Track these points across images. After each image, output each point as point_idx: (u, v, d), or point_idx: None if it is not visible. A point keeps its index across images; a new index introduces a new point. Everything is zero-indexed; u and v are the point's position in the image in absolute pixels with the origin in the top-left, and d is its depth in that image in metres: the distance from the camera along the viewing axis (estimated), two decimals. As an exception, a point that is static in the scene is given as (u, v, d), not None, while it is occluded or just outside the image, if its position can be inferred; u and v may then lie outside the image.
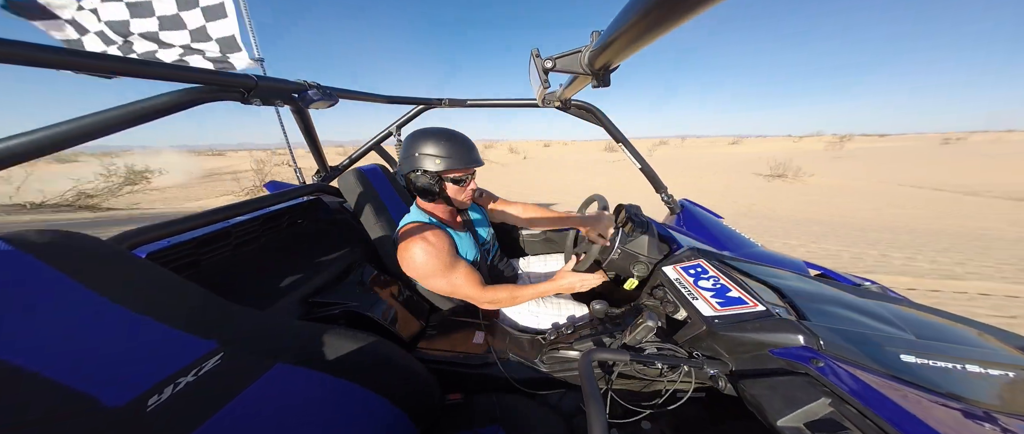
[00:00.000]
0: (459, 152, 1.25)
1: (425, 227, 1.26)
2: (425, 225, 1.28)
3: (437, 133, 1.25)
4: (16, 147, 0.60)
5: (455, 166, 1.24)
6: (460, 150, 1.26)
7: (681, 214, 2.05)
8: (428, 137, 1.24)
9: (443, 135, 1.25)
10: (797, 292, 1.03)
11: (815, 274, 1.55)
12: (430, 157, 1.23)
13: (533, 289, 1.33)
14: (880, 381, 0.68)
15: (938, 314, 1.07)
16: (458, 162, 1.24)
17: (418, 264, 1.23)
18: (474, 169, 1.31)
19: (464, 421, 0.94)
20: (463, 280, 1.27)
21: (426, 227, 1.27)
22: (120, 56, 0.92)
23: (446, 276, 1.25)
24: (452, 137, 1.26)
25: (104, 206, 8.53)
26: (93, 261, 0.57)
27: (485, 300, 1.30)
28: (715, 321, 0.92)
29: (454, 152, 1.24)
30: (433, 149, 1.23)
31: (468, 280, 1.27)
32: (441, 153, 1.23)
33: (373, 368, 0.84)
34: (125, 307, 0.57)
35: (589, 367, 0.73)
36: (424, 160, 1.23)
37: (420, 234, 1.24)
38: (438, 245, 1.24)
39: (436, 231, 1.26)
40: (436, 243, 1.24)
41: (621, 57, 0.58)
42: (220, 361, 0.63)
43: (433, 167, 1.23)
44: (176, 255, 1.00)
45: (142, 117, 0.76)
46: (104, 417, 0.49)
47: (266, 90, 1.00)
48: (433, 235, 1.24)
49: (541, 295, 1.34)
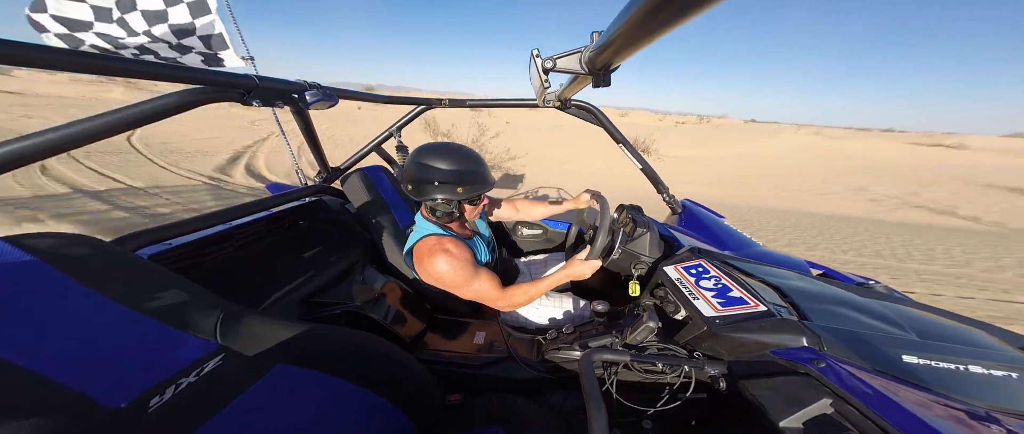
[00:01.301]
0: (476, 175, 1.25)
1: (443, 240, 1.27)
2: (442, 237, 1.28)
3: (447, 155, 1.23)
4: (22, 149, 0.61)
5: (475, 192, 1.24)
6: (477, 173, 1.25)
7: (683, 214, 2.05)
8: (442, 160, 1.22)
9: (455, 157, 1.23)
10: (799, 292, 1.02)
11: (817, 274, 1.54)
12: (449, 185, 1.22)
13: (544, 283, 1.31)
14: (882, 381, 0.68)
15: (941, 314, 1.07)
16: (478, 188, 1.25)
17: (445, 277, 1.24)
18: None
19: (464, 421, 0.94)
20: (486, 286, 1.27)
21: (445, 240, 1.27)
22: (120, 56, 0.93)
23: (471, 285, 1.26)
24: (465, 157, 1.25)
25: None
26: (96, 263, 0.58)
27: (505, 303, 1.30)
28: (716, 321, 0.91)
29: (472, 177, 1.24)
30: (451, 177, 1.21)
31: (490, 285, 1.28)
32: (458, 181, 1.22)
33: (373, 368, 0.84)
34: (127, 308, 0.57)
35: (590, 367, 0.73)
36: (444, 188, 1.22)
37: (441, 247, 1.24)
38: (461, 256, 1.24)
39: (455, 242, 1.27)
40: (459, 254, 1.24)
41: (621, 57, 0.58)
42: (221, 362, 0.63)
43: (453, 194, 1.22)
44: (179, 256, 1.00)
45: (145, 118, 0.76)
46: (106, 418, 0.49)
47: (266, 90, 1.01)
48: (454, 246, 1.25)
49: (552, 286, 1.32)
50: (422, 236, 1.31)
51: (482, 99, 1.94)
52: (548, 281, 1.31)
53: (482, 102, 1.94)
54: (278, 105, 1.11)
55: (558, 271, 1.32)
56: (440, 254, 1.23)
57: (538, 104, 1.62)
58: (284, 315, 1.04)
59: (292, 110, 1.39)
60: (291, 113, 1.35)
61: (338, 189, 1.72)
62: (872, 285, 1.42)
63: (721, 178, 11.48)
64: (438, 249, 1.23)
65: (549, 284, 1.31)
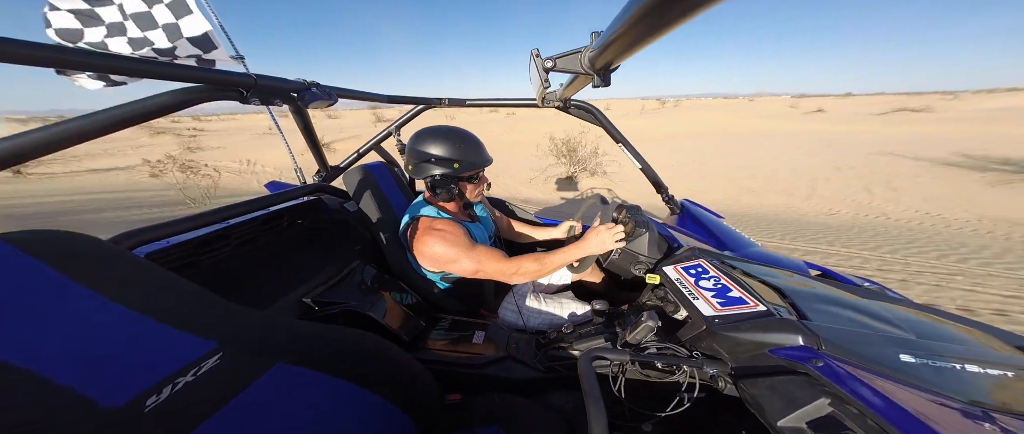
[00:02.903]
0: (473, 152, 1.26)
1: (435, 221, 1.28)
2: (436, 219, 1.29)
3: (447, 135, 1.25)
4: (17, 146, 0.60)
5: (472, 168, 1.25)
6: (473, 150, 1.26)
7: (682, 214, 2.05)
8: (439, 139, 1.23)
9: (454, 136, 1.25)
10: (797, 292, 1.03)
11: (815, 274, 1.55)
12: (446, 160, 1.23)
13: (559, 254, 1.27)
14: (880, 381, 0.68)
15: (938, 314, 1.07)
16: (474, 163, 1.25)
17: (439, 252, 1.24)
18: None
19: (464, 421, 0.94)
20: (487, 256, 1.26)
21: (437, 221, 1.28)
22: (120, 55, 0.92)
23: (470, 255, 1.24)
24: (464, 138, 1.26)
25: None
26: (92, 261, 0.57)
27: (512, 271, 1.26)
28: (715, 321, 0.91)
29: (468, 153, 1.25)
30: (447, 151, 1.23)
31: (491, 256, 1.26)
32: (456, 155, 1.23)
33: (373, 368, 0.84)
34: (124, 307, 0.57)
35: (589, 367, 0.73)
36: (439, 164, 1.23)
37: (433, 227, 1.25)
38: (454, 232, 1.25)
39: (448, 222, 1.28)
40: (452, 230, 1.25)
41: (621, 57, 0.58)
42: (219, 361, 0.63)
43: (450, 170, 1.23)
44: (176, 255, 1.00)
45: (142, 116, 0.76)
46: (102, 418, 0.49)
47: (265, 89, 1.00)
48: (446, 225, 1.26)
49: (569, 260, 1.29)
50: (415, 216, 1.32)
51: (482, 99, 1.94)
52: (564, 252, 1.27)
53: (482, 102, 1.94)
54: (277, 104, 1.11)
55: (576, 245, 1.28)
56: (432, 232, 1.24)
57: (538, 104, 1.62)
58: (283, 314, 1.04)
59: (291, 109, 1.39)
60: (290, 113, 1.35)
61: (337, 188, 1.72)
62: (867, 286, 1.42)
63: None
64: (429, 228, 1.25)
65: (566, 257, 1.27)
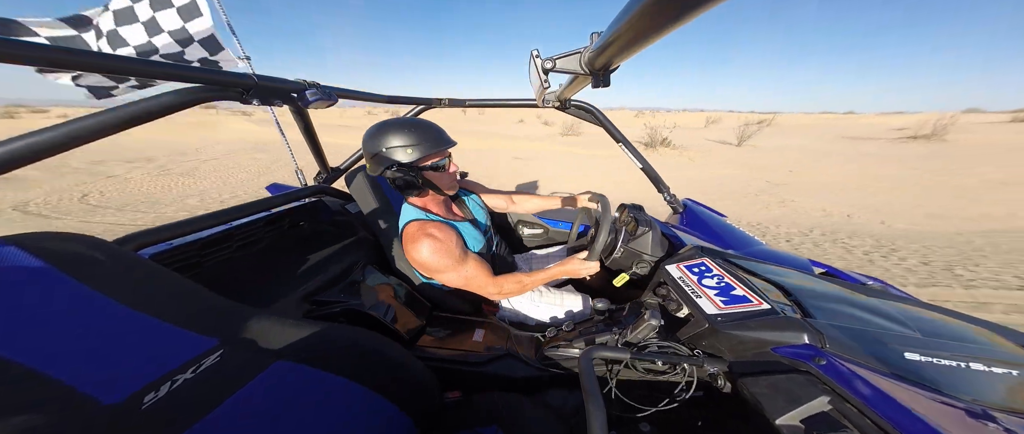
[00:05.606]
0: (427, 136, 1.20)
1: (427, 224, 1.24)
2: (426, 222, 1.26)
3: (397, 123, 1.20)
4: (19, 150, 0.61)
5: (428, 151, 1.19)
6: (428, 134, 1.20)
7: (684, 213, 2.05)
8: (389, 130, 1.19)
9: (405, 124, 1.20)
10: (802, 290, 1.02)
11: (820, 272, 1.54)
12: (400, 149, 1.17)
13: (540, 275, 1.31)
14: (882, 379, 0.67)
15: (943, 312, 1.06)
16: (430, 146, 1.19)
17: (429, 261, 1.22)
18: (449, 150, 1.28)
19: (463, 420, 0.94)
20: (475, 271, 1.26)
21: (428, 224, 1.24)
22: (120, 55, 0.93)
23: (458, 270, 1.24)
24: (415, 123, 1.21)
25: None
26: (97, 262, 0.58)
27: (495, 290, 1.29)
28: (718, 319, 0.91)
29: (422, 137, 1.19)
30: (399, 140, 1.17)
31: (479, 271, 1.27)
32: (409, 142, 1.17)
33: (372, 366, 0.84)
34: (127, 305, 0.57)
35: (589, 365, 0.73)
36: (394, 153, 1.17)
37: (424, 232, 1.22)
38: (445, 239, 1.22)
39: (439, 226, 1.24)
40: (443, 238, 1.22)
41: (621, 58, 0.58)
42: (219, 358, 0.63)
43: (405, 158, 1.17)
44: (179, 256, 1.01)
45: (142, 117, 0.76)
46: (101, 414, 0.49)
47: (265, 89, 1.01)
48: (438, 230, 1.22)
49: (548, 279, 1.32)
50: (407, 221, 1.29)
51: (482, 99, 1.94)
52: (544, 274, 1.31)
53: (482, 102, 1.94)
54: (277, 104, 1.11)
55: (556, 266, 1.32)
56: (424, 238, 1.20)
57: (538, 104, 1.61)
58: (284, 314, 1.04)
59: (291, 110, 1.40)
60: (290, 113, 1.35)
61: (338, 190, 1.72)
62: (872, 284, 1.42)
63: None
64: (421, 234, 1.21)
65: (545, 277, 1.31)
